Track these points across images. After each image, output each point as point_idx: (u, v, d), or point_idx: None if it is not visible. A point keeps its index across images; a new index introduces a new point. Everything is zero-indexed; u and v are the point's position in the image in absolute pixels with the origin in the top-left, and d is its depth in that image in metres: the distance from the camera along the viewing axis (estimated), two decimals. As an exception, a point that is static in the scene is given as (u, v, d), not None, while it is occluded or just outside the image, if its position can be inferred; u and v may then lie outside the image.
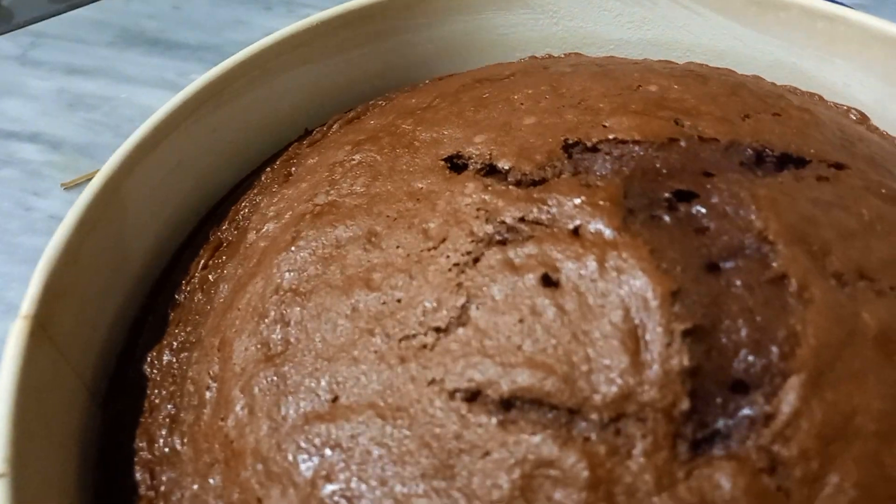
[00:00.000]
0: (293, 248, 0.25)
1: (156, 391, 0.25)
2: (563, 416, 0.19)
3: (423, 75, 0.38)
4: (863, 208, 0.23)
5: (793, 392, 0.19)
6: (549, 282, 0.21)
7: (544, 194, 0.23)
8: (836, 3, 0.49)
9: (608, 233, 0.21)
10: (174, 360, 0.25)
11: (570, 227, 0.22)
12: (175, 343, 0.26)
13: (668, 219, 0.22)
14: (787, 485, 0.18)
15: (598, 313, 0.20)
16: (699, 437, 0.18)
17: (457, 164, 0.26)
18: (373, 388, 0.21)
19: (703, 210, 0.22)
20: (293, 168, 0.31)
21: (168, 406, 0.24)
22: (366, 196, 0.26)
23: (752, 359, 0.19)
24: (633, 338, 0.19)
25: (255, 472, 0.21)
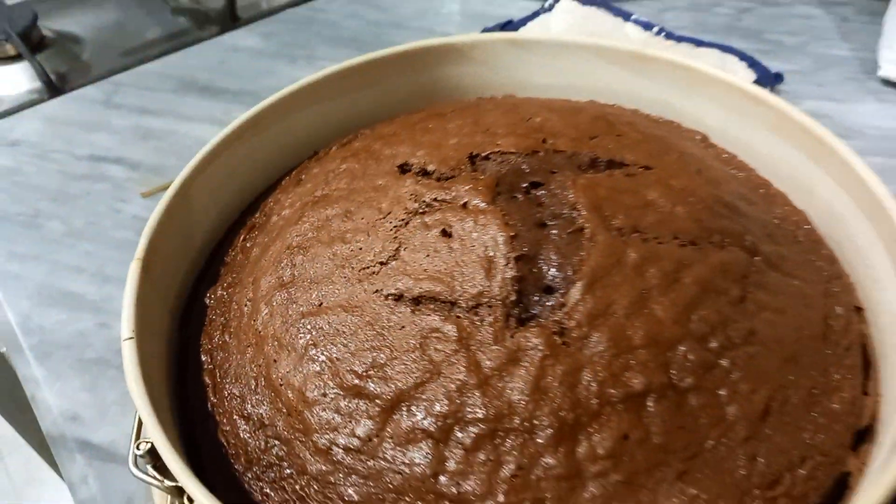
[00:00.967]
0: (299, 223, 0.40)
1: (213, 312, 0.39)
2: (447, 306, 0.33)
3: (401, 111, 0.52)
4: (650, 193, 0.37)
5: (576, 291, 0.32)
6: (446, 233, 0.35)
7: (450, 184, 0.37)
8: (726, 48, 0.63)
9: (482, 205, 0.35)
10: (224, 293, 0.40)
11: (462, 202, 0.36)
12: (224, 284, 0.40)
13: (520, 197, 0.36)
14: (568, 340, 0.31)
15: (471, 250, 0.34)
16: (523, 316, 0.32)
17: (404, 169, 0.40)
18: (342, 297, 0.35)
19: (543, 192, 0.36)
20: (303, 176, 0.46)
21: (221, 319, 0.39)
22: (346, 190, 0.40)
23: (556, 273, 0.33)
24: (488, 262, 0.33)
25: (273, 346, 0.35)
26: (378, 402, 0.31)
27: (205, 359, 0.37)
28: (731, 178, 0.43)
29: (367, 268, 0.35)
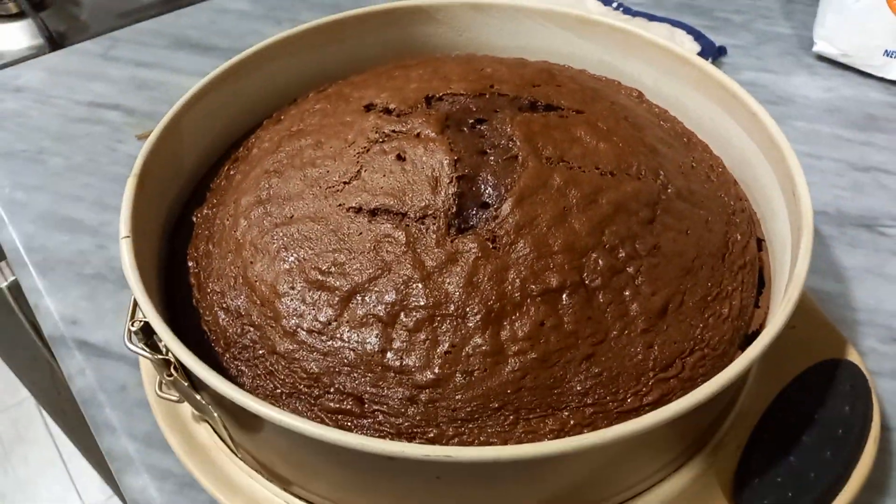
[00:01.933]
0: (276, 152, 0.45)
1: (199, 228, 0.45)
2: (398, 217, 0.39)
3: (372, 66, 0.58)
4: (578, 131, 0.43)
5: (507, 206, 0.38)
6: (400, 158, 0.41)
7: (406, 118, 0.43)
8: (666, 20, 0.69)
9: (432, 135, 0.41)
10: (209, 212, 0.46)
11: (416, 133, 0.42)
12: (209, 204, 0.46)
13: (466, 130, 0.42)
14: (498, 246, 0.37)
15: (421, 171, 0.40)
16: (462, 227, 0.38)
17: (369, 108, 0.46)
18: (310, 210, 0.41)
19: (486, 127, 0.42)
20: (282, 117, 0.51)
21: (205, 232, 0.44)
22: (318, 125, 0.46)
23: (491, 191, 0.39)
24: (434, 181, 0.39)
25: (250, 251, 0.41)
26: (337, 293, 0.37)
27: (191, 264, 0.43)
28: (657, 126, 0.49)
29: (333, 187, 0.41)
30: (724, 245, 0.42)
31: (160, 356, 0.36)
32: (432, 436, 0.35)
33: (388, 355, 0.36)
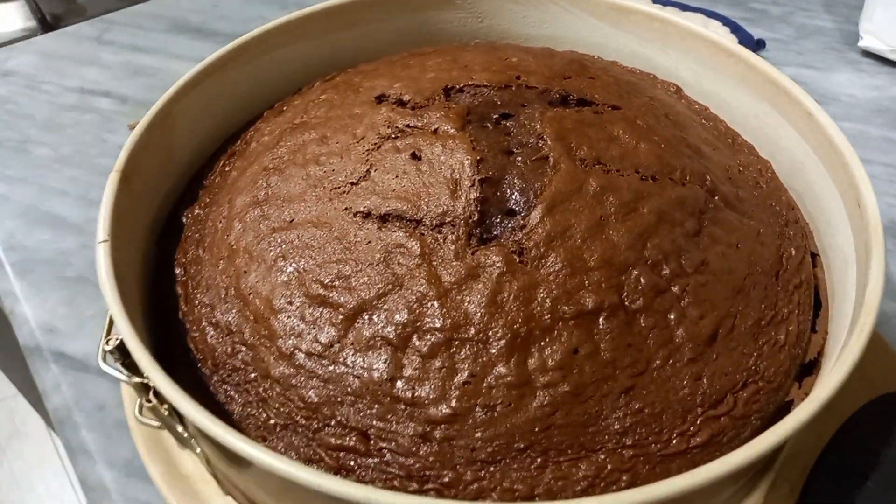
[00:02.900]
0: (276, 147, 0.41)
1: (189, 230, 0.40)
2: (412, 224, 0.34)
3: (384, 54, 0.53)
4: (615, 129, 0.38)
5: (536, 214, 0.33)
6: (415, 156, 0.36)
7: (422, 112, 0.38)
8: (712, 13, 0.64)
9: (452, 131, 0.36)
10: (201, 212, 0.41)
11: (433, 128, 0.37)
12: (202, 204, 0.42)
13: (490, 126, 0.37)
14: (525, 259, 0.33)
15: (438, 172, 0.35)
16: (484, 236, 0.34)
17: (381, 99, 0.41)
18: (313, 214, 0.36)
19: (512, 123, 0.37)
20: (285, 107, 0.47)
21: (196, 235, 0.40)
22: (324, 118, 0.42)
23: (518, 197, 0.34)
24: (454, 183, 0.34)
25: (244, 259, 0.36)
26: (341, 310, 0.33)
27: (178, 271, 0.38)
28: (699, 125, 0.44)
29: (338, 188, 0.36)
30: (777, 261, 0.38)
31: (138, 379, 0.32)
32: (448, 480, 0.30)
33: (398, 384, 0.31)
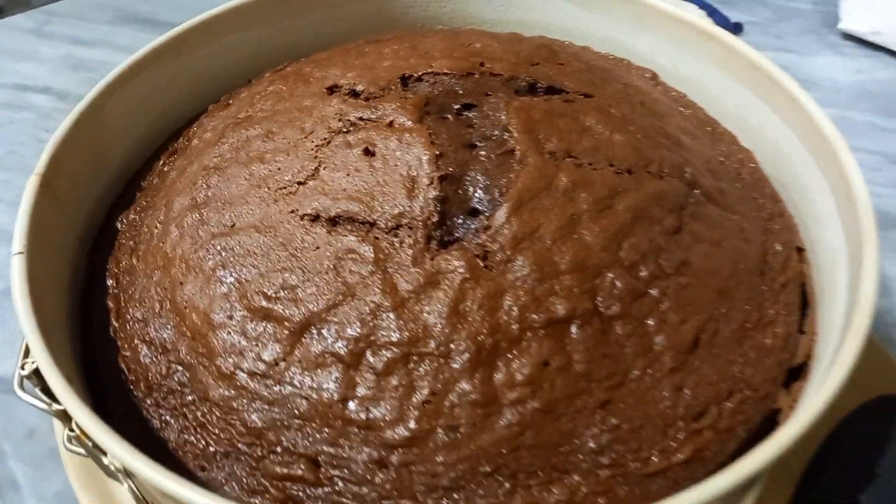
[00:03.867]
0: (218, 144, 0.37)
1: (123, 236, 0.37)
2: (365, 227, 0.31)
3: (340, 44, 0.50)
4: (587, 119, 0.35)
5: (502, 214, 0.30)
6: (368, 152, 0.33)
7: (376, 103, 0.35)
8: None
9: (408, 123, 0.33)
10: (136, 217, 0.37)
11: (388, 121, 0.34)
12: (138, 208, 0.38)
13: (451, 118, 0.34)
14: (490, 264, 0.30)
15: (393, 169, 0.32)
16: (445, 239, 0.30)
17: (332, 90, 0.38)
18: (256, 217, 0.33)
19: (475, 114, 0.34)
20: (231, 101, 0.43)
21: (130, 243, 0.36)
22: (271, 111, 0.38)
23: (482, 195, 0.31)
24: (411, 181, 0.31)
25: (180, 268, 0.33)
26: (287, 324, 0.29)
27: (110, 283, 0.35)
28: (677, 113, 0.41)
29: (284, 188, 0.33)
30: (762, 258, 0.35)
31: (57, 407, 0.28)
32: (407, 513, 0.27)
33: (351, 405, 0.28)
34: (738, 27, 0.62)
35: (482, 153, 0.32)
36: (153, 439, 0.30)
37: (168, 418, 0.30)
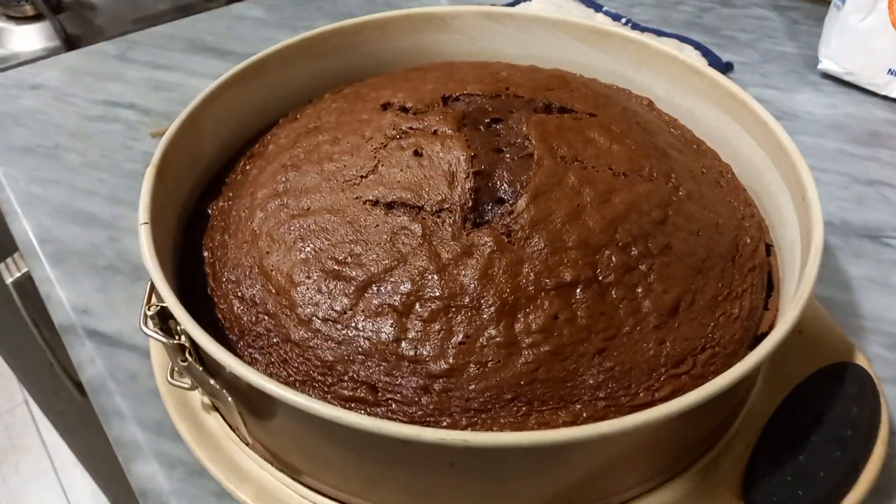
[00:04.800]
0: (293, 148, 0.46)
1: (215, 219, 0.46)
2: (415, 210, 0.39)
3: (387, 71, 0.59)
4: (592, 133, 0.43)
5: (522, 202, 0.39)
6: (417, 153, 0.41)
7: (423, 116, 0.43)
8: (682, 38, 0.70)
9: (449, 132, 0.42)
10: (225, 204, 0.46)
11: (433, 130, 0.42)
12: (225, 197, 0.47)
13: (482, 129, 0.43)
14: (513, 240, 0.38)
15: (437, 166, 0.40)
16: (478, 221, 0.39)
17: (386, 106, 0.47)
18: (327, 202, 0.41)
19: (501, 126, 0.43)
20: (298, 115, 0.52)
21: (221, 224, 0.45)
22: (335, 122, 0.47)
23: (507, 188, 0.40)
24: (451, 176, 0.40)
25: (266, 242, 0.41)
26: (353, 283, 0.38)
27: (206, 255, 0.43)
28: (667, 132, 0.50)
29: (350, 180, 0.42)
30: (733, 248, 0.43)
31: (175, 341, 0.37)
32: (445, 425, 0.35)
33: (403, 345, 0.36)
34: (728, 66, 0.71)
35: (507, 156, 0.41)
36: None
37: (257, 356, 0.38)
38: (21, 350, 0.91)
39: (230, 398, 0.36)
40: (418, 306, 0.37)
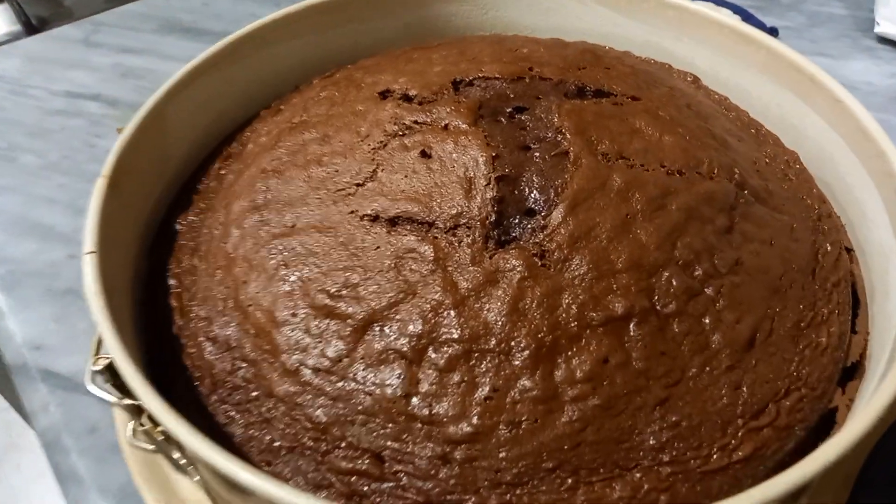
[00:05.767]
0: (274, 148, 0.38)
1: (183, 237, 0.38)
2: (424, 227, 0.32)
3: (385, 51, 0.51)
4: (637, 121, 0.35)
5: (558, 214, 0.31)
6: (425, 154, 0.33)
7: (430, 107, 0.36)
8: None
9: (463, 126, 0.34)
10: (195, 219, 0.38)
11: (443, 124, 0.34)
12: (196, 210, 0.39)
13: (504, 121, 0.35)
14: (548, 262, 0.30)
15: (451, 170, 0.33)
16: (502, 238, 0.31)
17: (385, 95, 0.39)
18: (316, 218, 0.34)
19: (527, 117, 0.35)
20: (282, 106, 0.44)
21: (191, 244, 0.37)
22: (325, 116, 0.39)
23: (538, 195, 0.32)
24: (468, 182, 0.32)
25: (243, 268, 0.34)
26: (350, 321, 0.30)
27: (172, 282, 0.36)
28: (722, 115, 0.42)
29: (343, 189, 0.34)
30: (813, 257, 0.35)
31: (130, 401, 0.29)
32: (471, 505, 0.27)
33: (414, 401, 0.29)
34: (773, 32, 0.62)
35: (536, 155, 0.33)
36: (219, 435, 0.31)
37: (233, 413, 0.31)
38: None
39: (197, 476, 0.29)
40: (432, 351, 0.29)
